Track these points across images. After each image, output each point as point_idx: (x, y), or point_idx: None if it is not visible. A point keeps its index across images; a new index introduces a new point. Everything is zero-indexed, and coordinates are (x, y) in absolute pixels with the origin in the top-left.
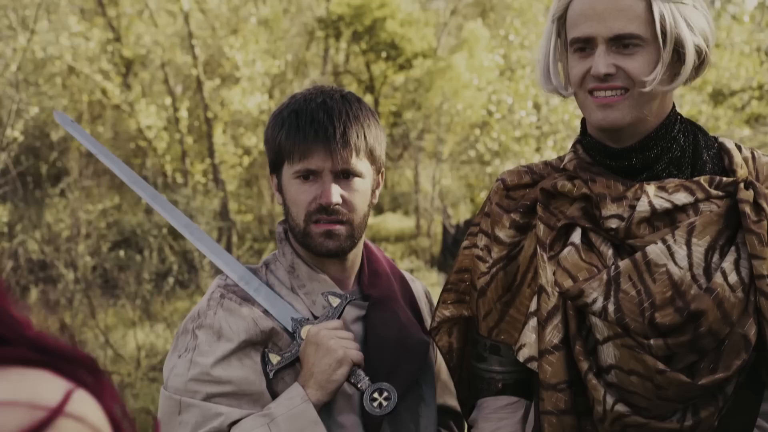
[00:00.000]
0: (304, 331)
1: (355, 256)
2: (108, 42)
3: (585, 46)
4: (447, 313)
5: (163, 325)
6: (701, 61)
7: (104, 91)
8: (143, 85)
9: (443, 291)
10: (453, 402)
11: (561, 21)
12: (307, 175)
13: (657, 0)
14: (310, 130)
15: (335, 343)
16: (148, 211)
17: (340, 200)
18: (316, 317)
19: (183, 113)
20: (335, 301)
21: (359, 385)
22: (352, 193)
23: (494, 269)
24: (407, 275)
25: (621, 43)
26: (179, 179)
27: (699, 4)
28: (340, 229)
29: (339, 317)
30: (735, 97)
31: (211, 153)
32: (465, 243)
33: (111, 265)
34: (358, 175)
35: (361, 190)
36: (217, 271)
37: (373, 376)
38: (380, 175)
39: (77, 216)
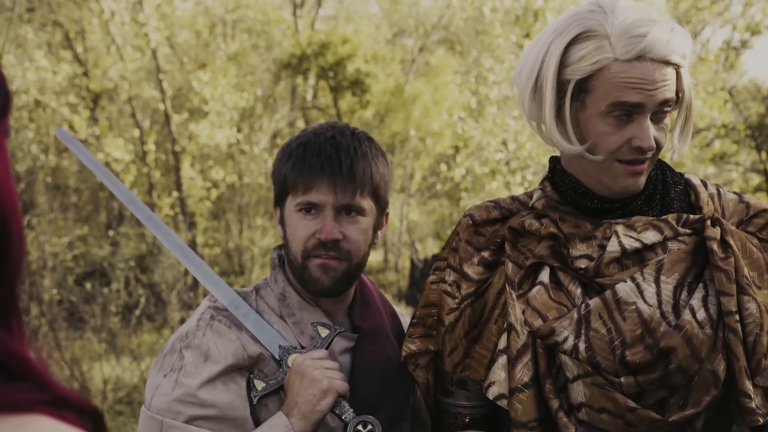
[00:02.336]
0: (291, 360)
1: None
2: (75, 76)
3: (629, 112)
4: (413, 347)
5: (130, 358)
6: None
7: (71, 125)
8: (110, 118)
9: (410, 325)
10: None
11: (580, 81)
12: (309, 209)
13: (682, 67)
14: (316, 162)
15: (320, 374)
16: (115, 243)
17: (339, 236)
18: (303, 347)
19: (150, 146)
20: (324, 332)
21: (343, 417)
22: (352, 229)
23: (463, 305)
24: (398, 310)
25: (661, 110)
26: None
27: None
28: (337, 264)
29: (327, 348)
30: (700, 135)
31: (178, 186)
32: (432, 278)
33: (77, 298)
34: (360, 212)
35: (363, 227)
36: (186, 304)
37: (358, 408)
38: (384, 215)
39: (43, 249)
